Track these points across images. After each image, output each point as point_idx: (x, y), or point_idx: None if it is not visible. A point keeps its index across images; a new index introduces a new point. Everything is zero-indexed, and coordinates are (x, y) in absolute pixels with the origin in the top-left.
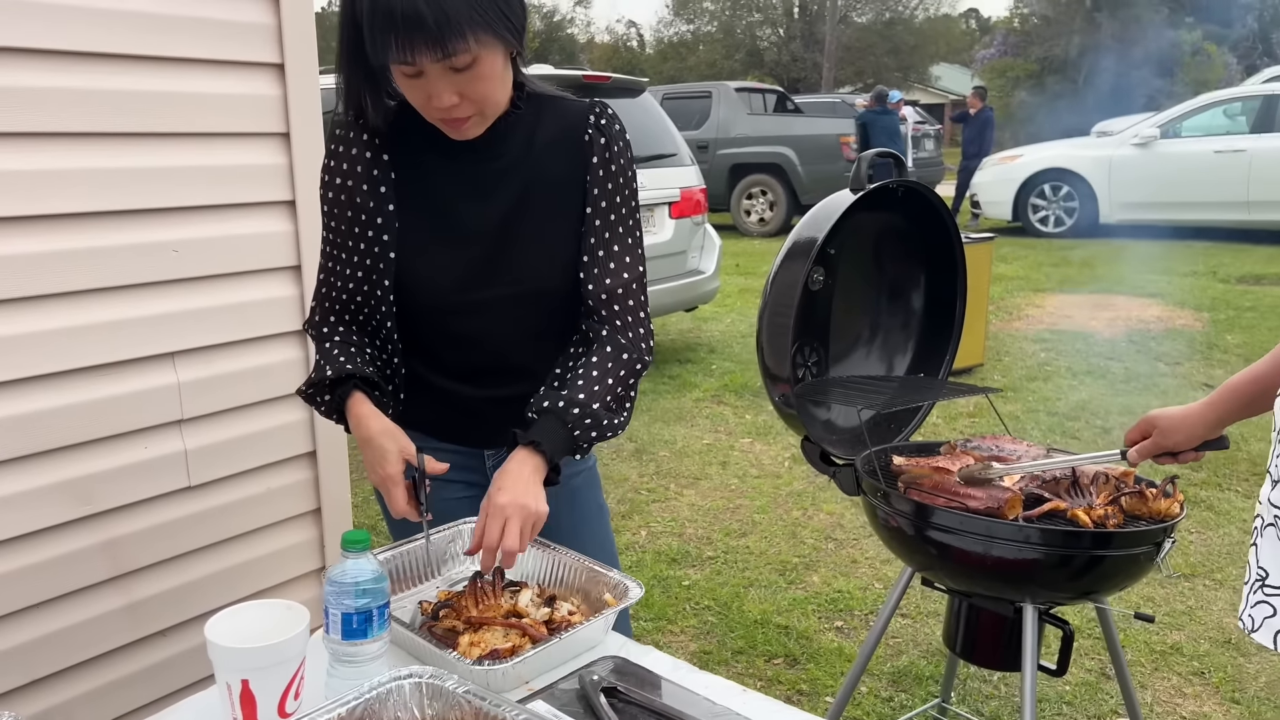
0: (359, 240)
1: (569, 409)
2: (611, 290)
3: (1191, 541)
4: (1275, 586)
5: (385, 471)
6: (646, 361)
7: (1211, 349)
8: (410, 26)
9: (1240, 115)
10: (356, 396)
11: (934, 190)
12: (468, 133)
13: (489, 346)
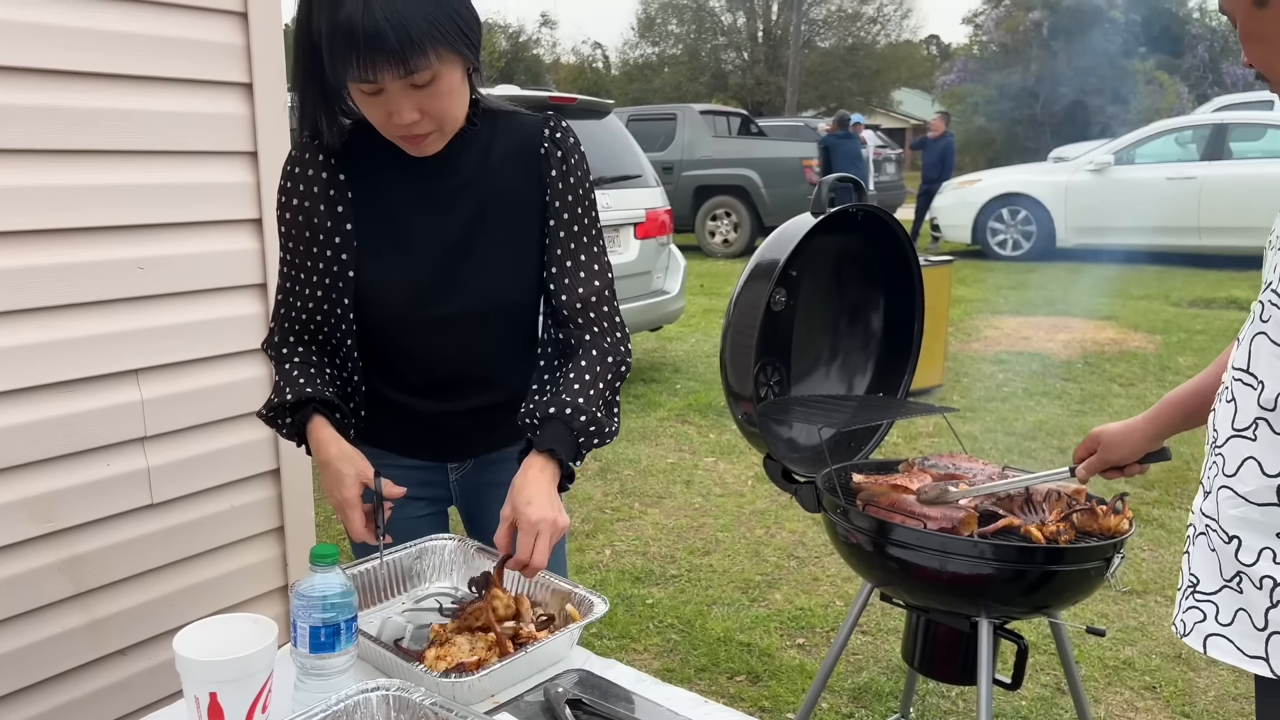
0: (317, 259)
1: (575, 415)
2: (585, 299)
3: (1144, 559)
4: (1205, 593)
5: (343, 495)
6: (628, 364)
7: (1164, 370)
8: (372, 44)
9: (1191, 143)
10: (317, 420)
11: (892, 214)
12: (427, 149)
13: (448, 361)
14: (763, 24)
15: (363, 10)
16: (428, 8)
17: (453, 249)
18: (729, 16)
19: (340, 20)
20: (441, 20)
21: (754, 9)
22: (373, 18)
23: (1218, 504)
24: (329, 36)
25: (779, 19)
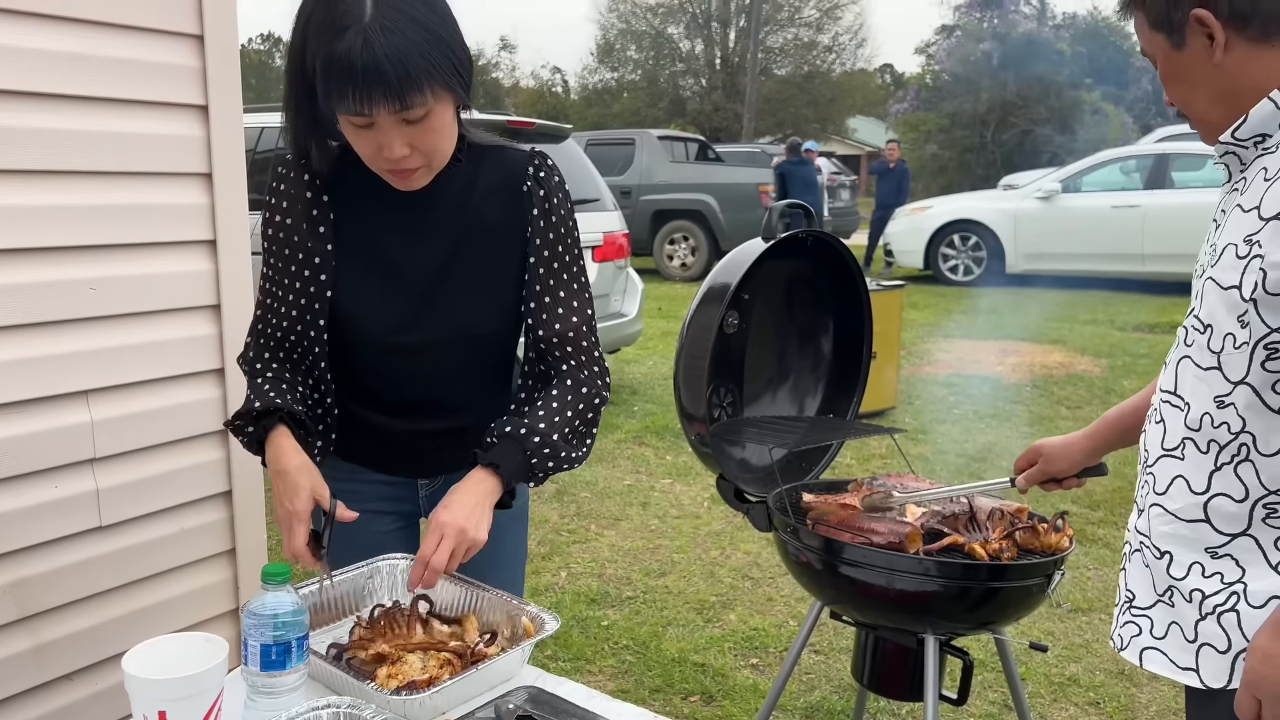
0: (295, 279)
1: (529, 436)
2: (563, 333)
3: (1089, 577)
4: (1141, 607)
5: (294, 507)
6: (605, 396)
7: (1109, 393)
8: (370, 79)
9: (1135, 172)
10: (279, 430)
11: (840, 240)
12: (414, 184)
13: (423, 385)
14: (720, 51)
15: (362, 45)
16: (426, 46)
17: (430, 277)
18: (687, 43)
19: (339, 53)
20: (438, 58)
21: (712, 37)
22: (372, 53)
23: (1150, 521)
24: (325, 68)
25: (736, 46)
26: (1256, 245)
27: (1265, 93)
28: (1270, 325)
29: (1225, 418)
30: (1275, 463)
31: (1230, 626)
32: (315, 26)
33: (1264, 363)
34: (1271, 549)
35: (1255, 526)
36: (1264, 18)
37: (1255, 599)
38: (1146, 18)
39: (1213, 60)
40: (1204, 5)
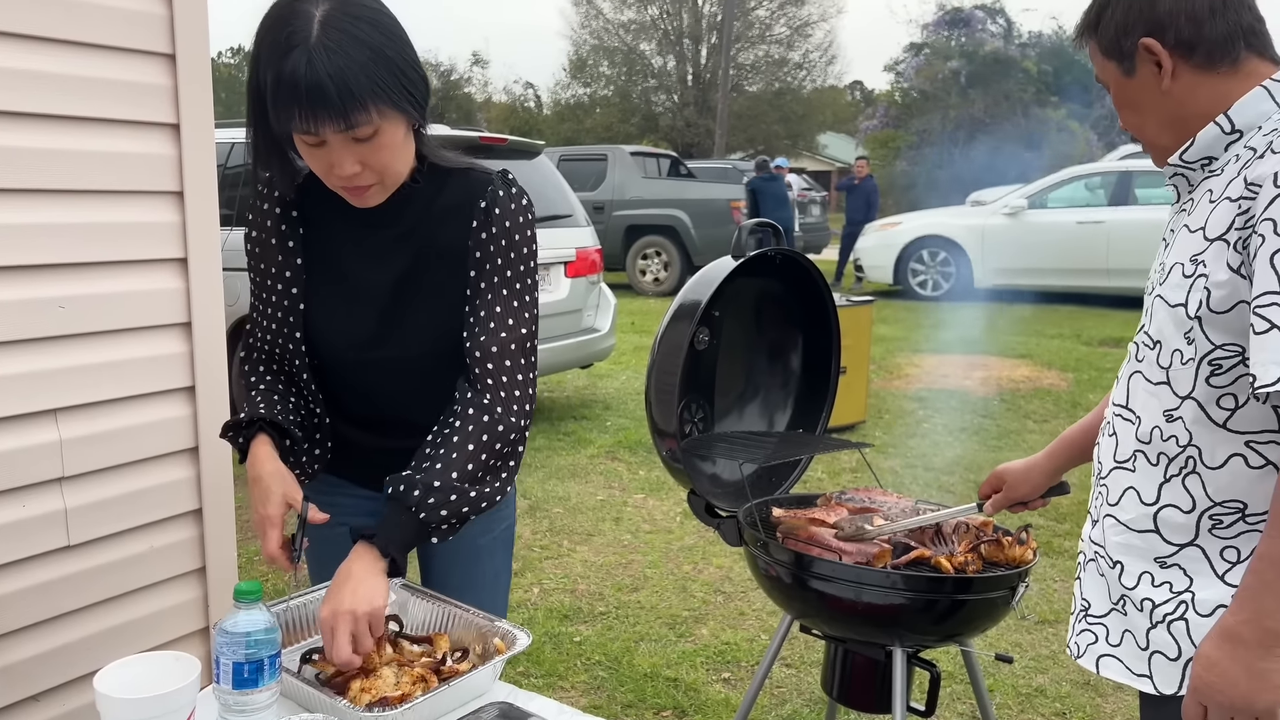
0: (272, 293)
1: (413, 493)
2: (486, 351)
3: (1056, 589)
4: (1096, 616)
5: (266, 511)
6: (518, 425)
7: (1075, 407)
8: (314, 99)
9: (1099, 189)
10: (259, 439)
11: (807, 257)
12: (368, 201)
13: (387, 402)
14: (692, 68)
15: (306, 64)
16: (371, 65)
17: (389, 295)
18: (659, 60)
19: (285, 73)
20: (384, 77)
21: (684, 53)
22: (315, 72)
23: (1104, 531)
24: (273, 88)
25: (708, 63)
26: (1201, 265)
27: (1211, 117)
28: (1214, 342)
29: (1173, 431)
30: (1221, 475)
31: (1180, 635)
32: (266, 47)
33: (1209, 378)
34: (1218, 559)
35: (1203, 537)
36: (1208, 45)
37: (1203, 608)
38: (1099, 46)
39: (1161, 87)
40: (1152, 34)
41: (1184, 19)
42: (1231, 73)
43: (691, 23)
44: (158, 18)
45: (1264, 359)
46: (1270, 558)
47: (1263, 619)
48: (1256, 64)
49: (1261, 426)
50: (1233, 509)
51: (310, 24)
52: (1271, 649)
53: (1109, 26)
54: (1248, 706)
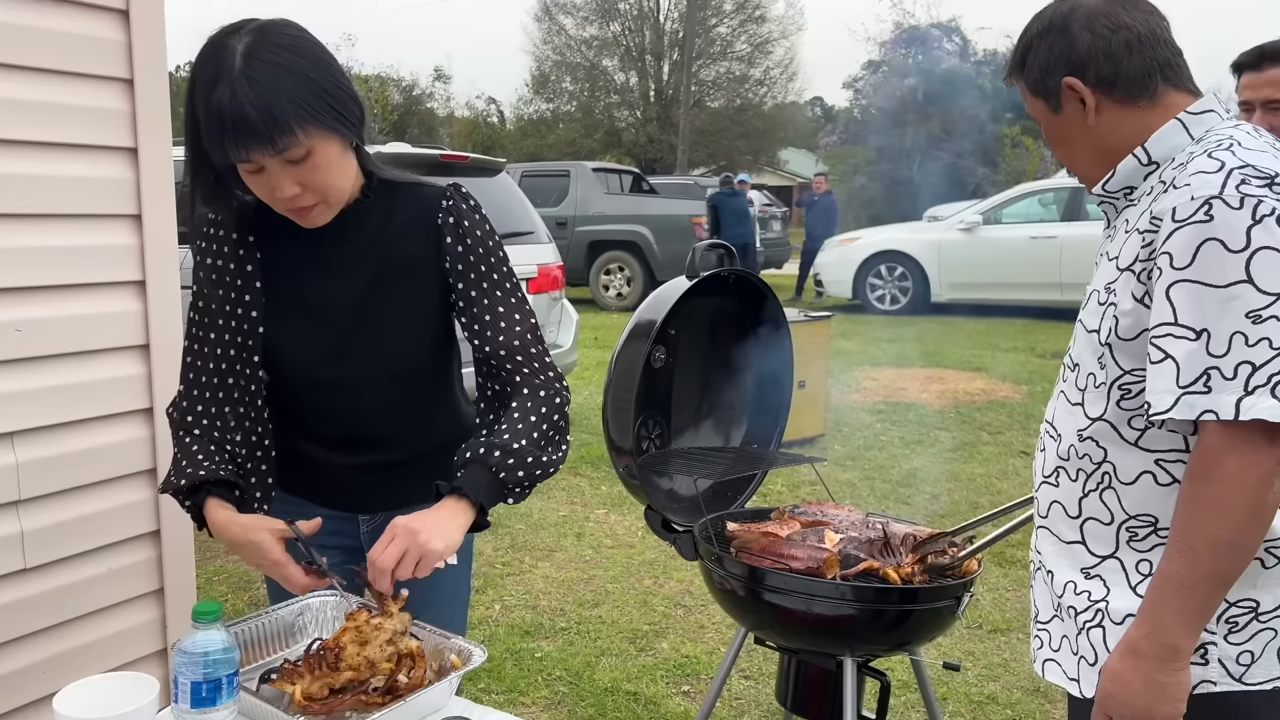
0: (229, 316)
1: (492, 454)
2: (509, 346)
3: (1008, 598)
4: (1042, 622)
5: (271, 559)
6: (566, 397)
7: (1029, 419)
8: (239, 128)
9: (1052, 204)
10: (211, 504)
11: (759, 277)
12: (315, 220)
13: (350, 418)
14: (654, 84)
15: (229, 96)
16: (294, 89)
17: (350, 313)
18: (622, 75)
19: (212, 105)
20: (308, 99)
21: (646, 69)
22: (238, 103)
23: (1041, 542)
24: (204, 121)
25: (670, 79)
26: (1113, 293)
27: (1134, 149)
28: (1123, 368)
29: (1088, 449)
30: (1133, 490)
31: (1097, 641)
32: (197, 84)
33: (1119, 401)
34: (1133, 571)
35: (1122, 549)
36: (1127, 82)
37: (1115, 616)
38: (1027, 86)
39: (1087, 122)
40: (1074, 73)
41: (1102, 58)
42: (1151, 106)
43: (653, 39)
44: (116, 44)
45: (1159, 387)
46: (1168, 576)
47: (1160, 635)
48: (1175, 96)
49: (1169, 446)
50: (1145, 523)
51: (233, 57)
52: (1169, 663)
53: (1034, 67)
54: (1147, 717)
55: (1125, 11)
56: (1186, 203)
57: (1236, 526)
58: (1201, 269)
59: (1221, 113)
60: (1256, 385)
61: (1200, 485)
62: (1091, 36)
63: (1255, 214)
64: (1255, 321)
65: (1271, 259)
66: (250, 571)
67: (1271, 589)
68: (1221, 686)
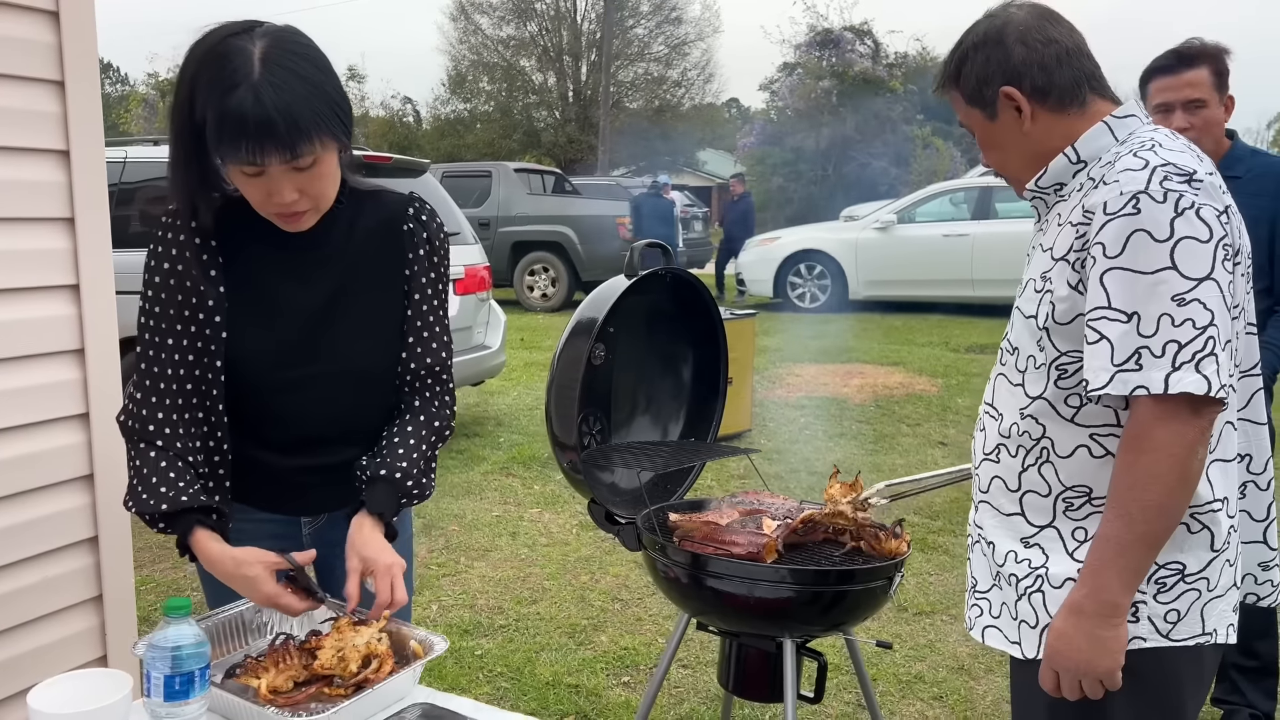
0: (190, 323)
1: (402, 479)
2: (430, 366)
3: (931, 582)
4: (981, 591)
5: (266, 592)
6: (452, 428)
7: (945, 411)
8: (263, 133)
9: (963, 203)
10: (201, 536)
11: (695, 276)
12: (302, 225)
13: (308, 421)
14: (573, 84)
15: (253, 100)
16: (312, 99)
17: (315, 317)
18: (540, 76)
19: (230, 108)
20: (324, 110)
21: (564, 70)
22: (263, 108)
23: (981, 515)
24: (217, 122)
25: (589, 80)
26: (1049, 281)
27: (1064, 149)
28: (1060, 349)
29: (1028, 427)
30: (1070, 463)
31: (1038, 605)
32: (204, 84)
33: (1057, 381)
34: (1069, 538)
35: (1059, 519)
36: (1059, 91)
37: (1055, 580)
38: (962, 95)
39: (1022, 129)
40: (1010, 83)
41: (1036, 69)
42: (1080, 113)
43: (571, 40)
44: (46, 45)
45: (1095, 365)
46: (1107, 538)
47: (1100, 593)
48: (1100, 104)
49: (1102, 421)
50: (1080, 493)
51: (251, 61)
52: (1109, 619)
53: (970, 77)
54: (1090, 670)
55: (1053, 27)
56: (1116, 197)
57: (1167, 492)
58: (1131, 257)
59: (1142, 117)
60: (1182, 362)
61: (1134, 455)
62: (1025, 49)
63: (1177, 207)
64: (1180, 304)
65: (1192, 247)
66: (180, 580)
67: (1196, 552)
68: (1151, 642)
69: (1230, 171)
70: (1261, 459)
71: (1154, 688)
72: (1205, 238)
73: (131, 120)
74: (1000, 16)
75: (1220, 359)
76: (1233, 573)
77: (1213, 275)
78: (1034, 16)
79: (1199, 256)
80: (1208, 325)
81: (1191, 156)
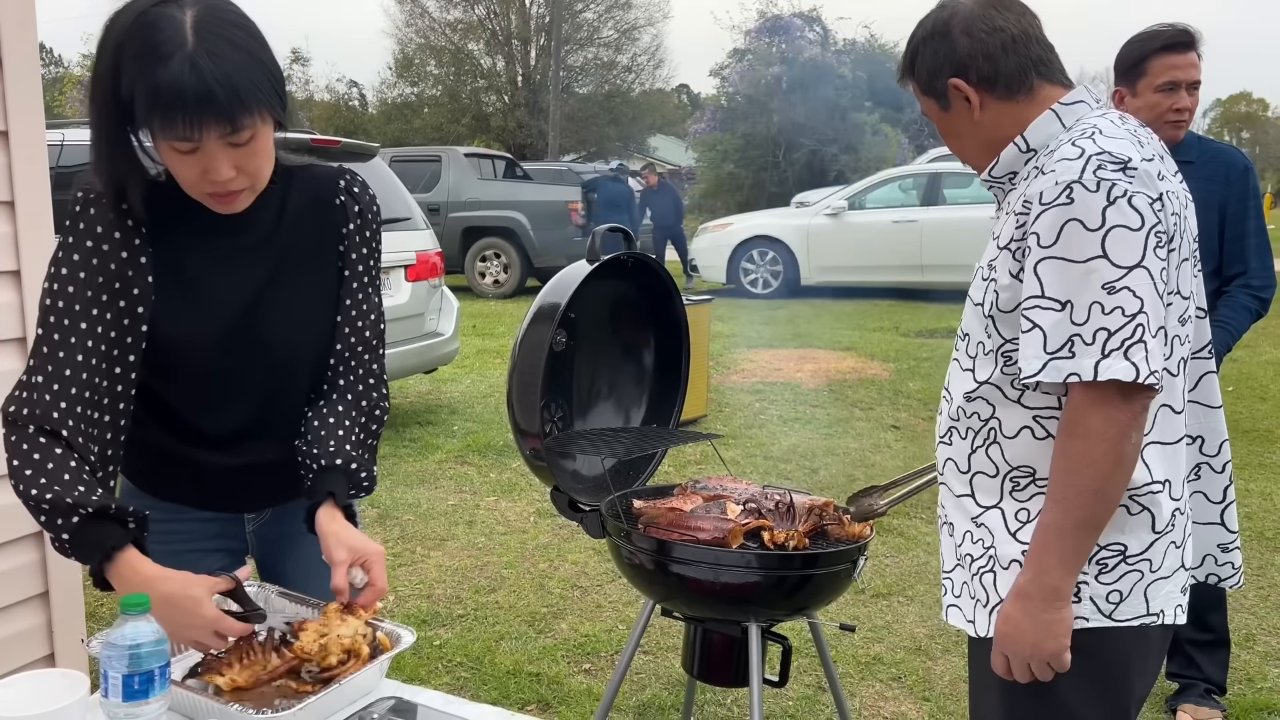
0: (107, 310)
1: (347, 464)
2: (356, 344)
3: (887, 565)
4: (946, 572)
5: (208, 616)
6: (386, 410)
7: (897, 395)
8: (201, 105)
9: (912, 189)
10: (131, 556)
11: (658, 261)
12: (237, 206)
13: (249, 412)
14: (522, 69)
15: (190, 69)
16: (251, 70)
17: (249, 304)
18: (488, 60)
19: (164, 80)
20: (263, 81)
21: (513, 54)
22: (201, 78)
23: (943, 497)
24: (149, 96)
25: (538, 64)
26: (994, 270)
27: (1015, 139)
28: (1004, 336)
29: (977, 408)
30: (1015, 444)
31: (989, 585)
32: (131, 56)
33: (1003, 367)
34: (1013, 519)
35: (1005, 500)
36: (1005, 79)
37: (1002, 561)
38: (918, 86)
39: (974, 118)
40: (957, 74)
41: (981, 59)
42: (1029, 100)
43: (520, 24)
44: None
45: (1028, 354)
46: (1046, 525)
47: (1043, 577)
48: (1049, 90)
49: (1045, 404)
50: (1025, 473)
51: (183, 30)
52: (1052, 603)
53: (922, 70)
54: (1037, 654)
55: (999, 15)
56: (1051, 187)
57: (1102, 476)
58: (1064, 246)
59: (1091, 103)
60: (1111, 349)
61: (1069, 440)
62: (970, 40)
63: (1110, 196)
64: (1110, 292)
65: (1123, 235)
66: None
67: (1137, 533)
68: (1094, 623)
69: (1183, 157)
70: (1215, 441)
71: (1100, 667)
72: (1136, 225)
73: (66, 103)
74: (949, 8)
75: (1150, 346)
76: (1179, 554)
77: (1143, 263)
78: (980, 5)
79: (1130, 244)
80: (1137, 313)
81: (1130, 144)
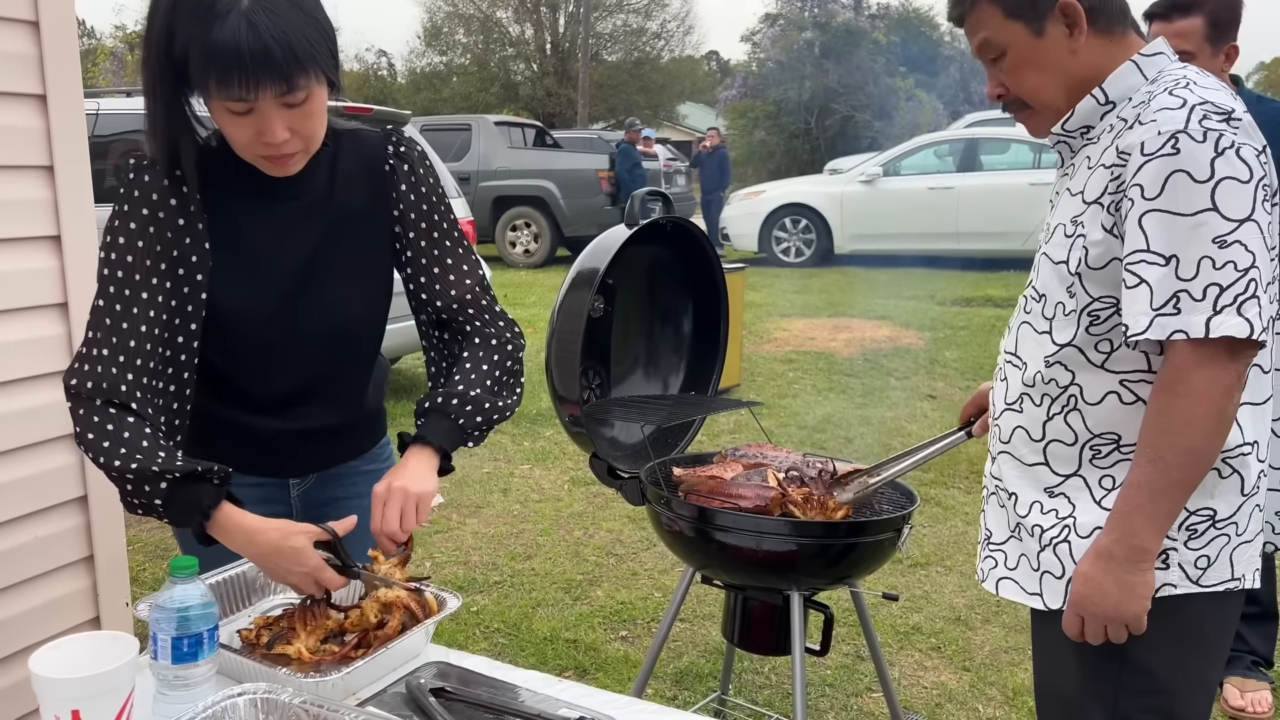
0: (166, 278)
1: (450, 402)
2: (461, 298)
3: (925, 534)
4: (996, 543)
5: (310, 565)
6: (520, 344)
7: (933, 364)
8: (258, 63)
9: (948, 156)
10: (229, 509)
11: (698, 226)
12: (290, 169)
13: (300, 377)
14: (550, 36)
15: (247, 28)
16: (306, 28)
17: (301, 269)
18: (517, 28)
19: (221, 40)
20: (318, 40)
21: (541, 21)
22: (259, 36)
23: (1000, 467)
24: (205, 56)
25: (566, 32)
26: (1080, 225)
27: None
28: (1092, 295)
29: (1055, 374)
30: (1099, 410)
31: (1064, 555)
32: (185, 15)
33: (1088, 327)
34: (1096, 486)
35: (1084, 467)
36: (1110, 12)
37: (1082, 530)
38: (1001, 9)
39: (1071, 46)
40: None
41: None
42: (1121, 42)
43: None
44: None
45: (1135, 310)
46: (1139, 484)
47: (1130, 538)
48: (1134, 38)
49: (1133, 367)
50: (1109, 440)
51: None
52: (1139, 564)
53: None
54: (1118, 615)
55: None
56: (1154, 138)
57: (1203, 436)
58: (1170, 199)
59: (1170, 54)
60: (1224, 305)
61: (1169, 398)
62: None
63: (1217, 147)
64: (1221, 246)
65: (1233, 188)
66: (168, 539)
67: (1226, 497)
68: (1181, 589)
69: None
70: None
71: (1184, 634)
72: (1246, 178)
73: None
74: None
75: (1261, 301)
76: (1260, 517)
77: (1253, 216)
78: None
79: (1240, 197)
80: (1249, 267)
81: (1227, 94)
